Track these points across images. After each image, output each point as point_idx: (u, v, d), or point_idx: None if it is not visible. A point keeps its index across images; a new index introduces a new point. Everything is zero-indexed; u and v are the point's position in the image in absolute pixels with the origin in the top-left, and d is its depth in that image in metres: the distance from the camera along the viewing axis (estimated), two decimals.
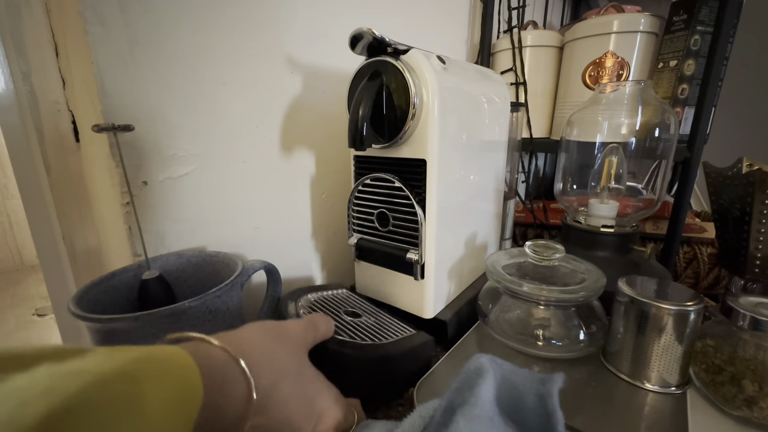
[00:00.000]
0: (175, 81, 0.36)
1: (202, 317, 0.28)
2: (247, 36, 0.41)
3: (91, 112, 0.33)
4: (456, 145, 0.40)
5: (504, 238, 0.61)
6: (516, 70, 0.71)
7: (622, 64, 0.62)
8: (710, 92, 0.53)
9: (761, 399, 0.29)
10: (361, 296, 0.45)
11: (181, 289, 0.36)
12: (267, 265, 0.37)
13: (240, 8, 0.40)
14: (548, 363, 0.37)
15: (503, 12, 0.74)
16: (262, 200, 0.46)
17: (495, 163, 0.51)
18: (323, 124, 0.51)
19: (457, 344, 0.41)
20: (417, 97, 0.34)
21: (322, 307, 0.40)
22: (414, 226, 0.39)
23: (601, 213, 0.49)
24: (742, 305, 0.32)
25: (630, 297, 0.34)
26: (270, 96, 0.44)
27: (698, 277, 0.63)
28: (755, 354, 0.31)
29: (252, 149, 0.44)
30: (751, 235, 0.42)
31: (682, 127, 0.61)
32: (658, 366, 0.33)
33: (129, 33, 0.33)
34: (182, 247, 0.39)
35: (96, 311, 0.26)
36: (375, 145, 0.39)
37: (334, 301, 0.42)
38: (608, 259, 0.48)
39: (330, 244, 0.56)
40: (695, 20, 0.58)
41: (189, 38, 0.36)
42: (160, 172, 0.36)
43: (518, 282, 0.38)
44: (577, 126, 0.55)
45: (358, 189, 0.42)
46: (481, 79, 0.46)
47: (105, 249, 0.41)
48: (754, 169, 0.43)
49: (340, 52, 0.51)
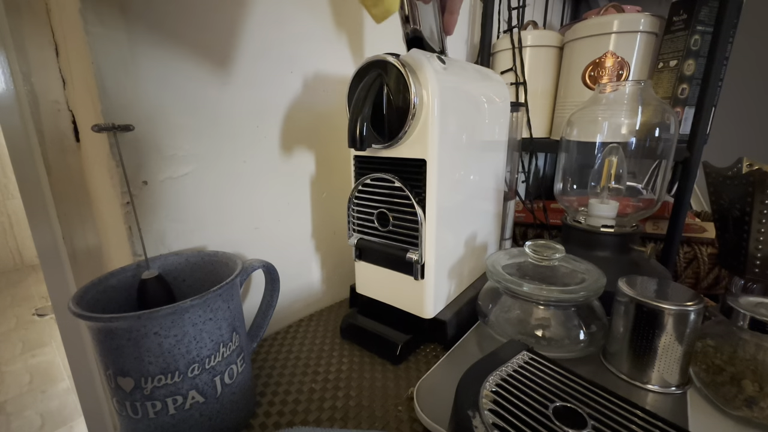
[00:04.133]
0: (175, 81, 0.36)
1: (204, 316, 0.28)
2: (247, 36, 0.41)
3: (91, 112, 0.33)
4: (456, 145, 0.40)
5: (504, 238, 0.61)
6: (516, 70, 0.71)
7: (622, 64, 0.62)
8: (710, 92, 0.53)
9: (761, 399, 0.29)
10: (545, 359, 0.30)
11: (180, 288, 0.36)
12: (266, 264, 0.37)
13: (240, 8, 0.40)
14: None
15: (503, 12, 0.74)
16: (262, 200, 0.46)
17: (495, 163, 0.51)
18: (323, 124, 0.51)
19: (457, 344, 0.41)
20: (417, 97, 0.34)
21: (516, 400, 0.25)
22: (414, 226, 0.39)
23: (601, 213, 0.49)
24: (742, 305, 0.32)
25: (630, 297, 0.34)
26: (270, 96, 0.44)
27: (698, 277, 0.63)
28: (755, 354, 0.31)
29: (252, 149, 0.44)
30: (751, 235, 0.42)
31: (682, 127, 0.61)
32: (658, 366, 0.33)
33: (129, 33, 0.33)
34: (182, 246, 0.39)
35: (96, 311, 0.26)
36: (375, 145, 0.39)
37: (526, 383, 0.27)
38: (608, 259, 0.48)
39: (330, 244, 0.56)
40: (695, 20, 0.58)
41: (189, 38, 0.36)
42: (160, 172, 0.36)
43: (518, 282, 0.38)
44: (577, 126, 0.55)
45: (358, 189, 0.43)
46: (481, 79, 0.46)
47: (105, 249, 0.41)
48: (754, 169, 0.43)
49: (341, 51, 0.51)
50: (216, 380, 0.29)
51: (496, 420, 0.24)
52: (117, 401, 0.27)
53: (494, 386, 0.27)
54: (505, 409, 0.25)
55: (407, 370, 0.40)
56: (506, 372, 0.28)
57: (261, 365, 0.41)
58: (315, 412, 0.34)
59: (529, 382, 0.27)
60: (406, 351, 0.41)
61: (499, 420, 0.24)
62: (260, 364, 0.41)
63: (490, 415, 0.24)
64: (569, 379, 0.28)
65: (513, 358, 0.30)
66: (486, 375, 0.28)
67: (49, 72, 0.36)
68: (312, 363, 0.41)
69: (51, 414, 1.18)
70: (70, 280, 0.41)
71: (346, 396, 0.36)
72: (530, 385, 0.27)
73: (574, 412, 0.25)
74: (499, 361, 0.29)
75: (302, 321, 0.51)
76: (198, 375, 0.28)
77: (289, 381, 0.38)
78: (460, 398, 0.26)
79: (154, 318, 0.25)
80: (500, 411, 0.24)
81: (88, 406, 0.45)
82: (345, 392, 0.36)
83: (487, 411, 0.24)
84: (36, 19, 0.34)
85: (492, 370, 0.28)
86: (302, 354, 0.43)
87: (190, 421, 0.28)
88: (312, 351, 0.44)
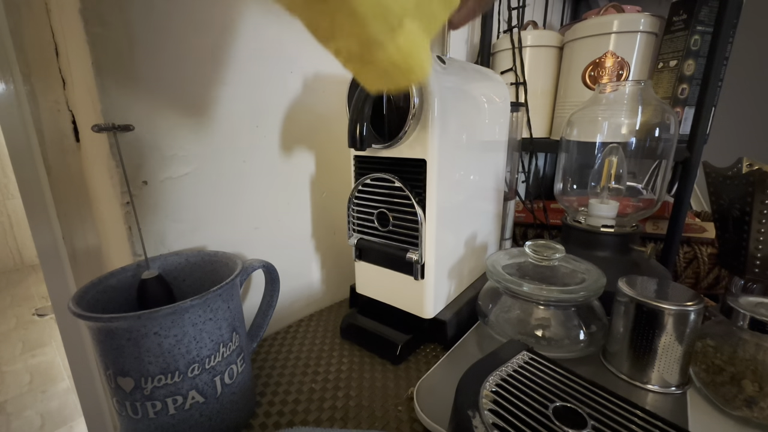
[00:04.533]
0: (175, 81, 0.36)
1: (204, 316, 0.28)
2: (247, 36, 0.41)
3: (91, 112, 0.33)
4: (456, 145, 0.40)
5: (504, 238, 0.61)
6: (516, 70, 0.71)
7: (622, 64, 0.62)
8: (710, 92, 0.53)
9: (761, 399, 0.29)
10: (545, 359, 0.30)
11: (180, 288, 0.36)
12: (266, 264, 0.37)
13: (240, 8, 0.40)
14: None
15: (503, 12, 0.74)
16: (262, 200, 0.46)
17: (495, 163, 0.51)
18: (323, 124, 0.51)
19: (457, 344, 0.41)
20: (417, 97, 0.34)
21: (516, 400, 0.25)
22: (414, 226, 0.39)
23: (601, 213, 0.49)
24: (742, 305, 0.32)
25: (630, 297, 0.34)
26: (270, 96, 0.44)
27: (698, 277, 0.63)
28: (755, 354, 0.31)
29: (252, 149, 0.44)
30: (751, 235, 0.42)
31: (682, 127, 0.61)
32: (658, 366, 0.33)
33: (129, 33, 0.33)
34: (182, 246, 0.39)
35: (96, 311, 0.26)
36: (375, 145, 0.39)
37: (526, 383, 0.27)
38: (608, 259, 0.48)
39: (330, 244, 0.56)
40: (695, 20, 0.58)
41: (189, 38, 0.36)
42: (160, 172, 0.36)
43: (518, 282, 0.38)
44: (577, 126, 0.55)
45: (358, 189, 0.42)
46: (481, 79, 0.46)
47: (105, 249, 0.41)
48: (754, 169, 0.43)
49: None
50: (216, 380, 0.29)
51: (496, 420, 0.24)
52: (117, 401, 0.27)
53: (494, 386, 0.27)
54: (505, 409, 0.25)
55: (407, 370, 0.40)
56: (506, 372, 0.28)
57: (261, 365, 0.41)
58: (315, 412, 0.34)
59: (529, 382, 0.27)
60: (406, 351, 0.41)
61: (499, 420, 0.24)
62: (260, 364, 0.41)
63: (490, 415, 0.24)
64: (569, 379, 0.28)
65: (513, 358, 0.30)
66: (486, 375, 0.28)
67: (49, 72, 0.36)
68: (312, 363, 0.41)
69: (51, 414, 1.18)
70: (70, 280, 0.41)
71: (346, 396, 0.36)
72: (530, 385, 0.27)
73: (574, 412, 0.25)
74: (499, 361, 0.29)
75: (302, 321, 0.51)
76: (198, 375, 0.28)
77: (289, 381, 0.38)
78: (460, 398, 0.26)
79: (154, 318, 0.25)
80: (500, 411, 0.24)
81: (88, 406, 0.45)
82: (345, 392, 0.36)
83: (487, 411, 0.25)
84: (36, 19, 0.34)
85: (492, 370, 0.28)
86: (302, 354, 0.43)
87: (190, 421, 0.28)
88: (312, 351, 0.44)
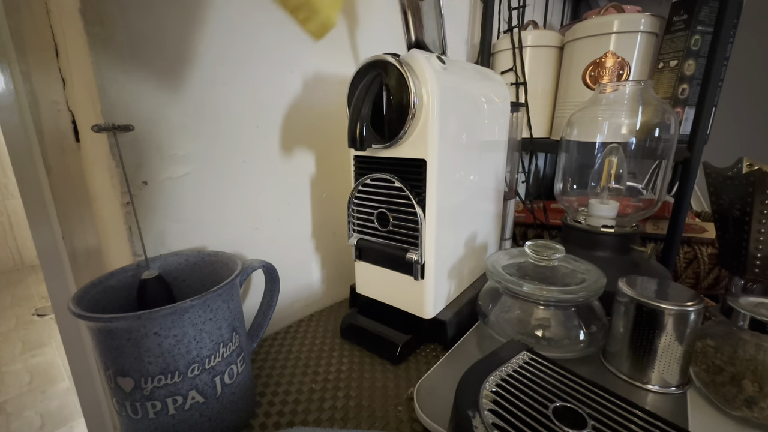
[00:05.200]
0: (175, 81, 0.36)
1: (204, 316, 0.28)
2: (247, 36, 0.41)
3: (91, 112, 0.33)
4: (456, 145, 0.40)
5: (504, 238, 0.61)
6: (516, 70, 0.71)
7: (623, 64, 0.62)
8: (710, 92, 0.53)
9: (761, 399, 0.29)
10: (545, 359, 0.30)
11: (180, 288, 0.36)
12: (266, 264, 0.37)
13: (240, 8, 0.40)
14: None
15: (503, 12, 0.74)
16: (262, 200, 0.46)
17: (495, 163, 0.51)
18: (323, 124, 0.51)
19: (457, 344, 0.41)
20: (417, 97, 0.34)
21: (516, 400, 0.25)
22: (414, 226, 0.39)
23: (601, 213, 0.49)
24: (742, 305, 0.32)
25: (630, 297, 0.34)
26: (270, 96, 0.44)
27: (698, 278, 0.63)
28: (755, 354, 0.31)
29: (252, 149, 0.44)
30: (751, 235, 0.42)
31: (682, 127, 0.61)
32: (658, 366, 0.33)
33: (129, 33, 0.33)
34: (182, 247, 0.39)
35: (96, 311, 0.26)
36: (375, 145, 0.39)
37: (526, 383, 0.27)
38: (608, 260, 0.48)
39: (330, 244, 0.56)
40: (695, 20, 0.58)
41: (189, 38, 0.36)
42: (160, 172, 0.36)
43: (518, 282, 0.38)
44: (577, 126, 0.55)
45: (358, 189, 0.42)
46: (481, 79, 0.46)
47: (105, 249, 0.41)
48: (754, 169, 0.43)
49: (341, 52, 0.51)
50: (216, 380, 0.29)
51: (496, 420, 0.24)
52: (117, 401, 0.27)
53: (494, 386, 0.27)
54: (505, 409, 0.25)
55: (407, 370, 0.40)
56: (506, 372, 0.28)
57: (261, 365, 0.41)
58: (315, 412, 0.34)
59: (529, 382, 0.27)
60: (406, 351, 0.41)
61: (499, 420, 0.24)
62: (260, 364, 0.41)
63: (490, 415, 0.24)
64: (569, 379, 0.28)
65: (513, 358, 0.30)
66: (486, 375, 0.28)
67: (49, 72, 0.36)
68: (312, 363, 0.41)
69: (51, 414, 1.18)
70: (70, 280, 0.41)
71: (346, 396, 0.36)
72: (530, 385, 0.27)
73: (574, 412, 0.25)
74: (499, 361, 0.29)
75: (302, 321, 0.51)
76: (198, 375, 0.28)
77: (289, 381, 0.38)
78: (460, 398, 0.26)
79: (154, 318, 0.25)
80: (500, 411, 0.24)
81: (88, 406, 0.45)
82: (345, 392, 0.36)
83: (487, 411, 0.25)
84: (36, 19, 0.34)
85: (492, 370, 0.28)
86: (302, 354, 0.43)
87: (190, 422, 0.28)
88: (312, 351, 0.44)
